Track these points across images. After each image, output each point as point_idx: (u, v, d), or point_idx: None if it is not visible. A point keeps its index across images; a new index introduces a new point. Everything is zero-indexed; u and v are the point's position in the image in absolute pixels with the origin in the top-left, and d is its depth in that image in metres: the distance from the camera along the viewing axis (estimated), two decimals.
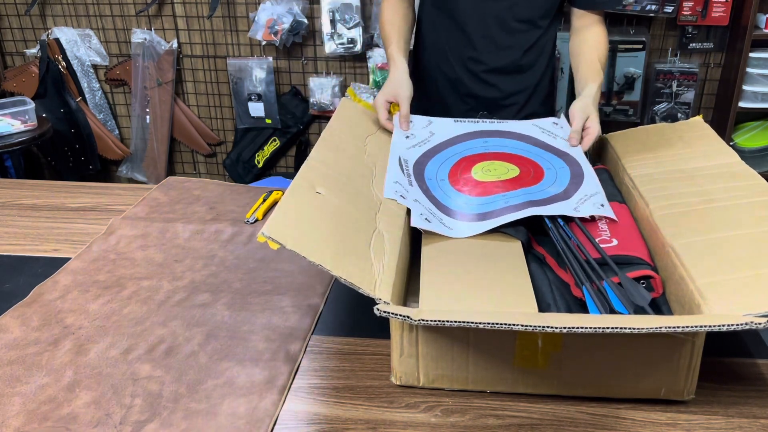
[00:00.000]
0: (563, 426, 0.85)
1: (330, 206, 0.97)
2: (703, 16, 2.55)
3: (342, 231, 0.93)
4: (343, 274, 0.83)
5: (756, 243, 0.91)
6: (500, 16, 1.42)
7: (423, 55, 1.55)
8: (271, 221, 0.84)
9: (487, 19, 1.43)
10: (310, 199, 0.96)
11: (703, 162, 1.15)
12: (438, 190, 1.15)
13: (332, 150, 1.14)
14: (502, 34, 1.44)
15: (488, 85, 1.49)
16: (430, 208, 1.10)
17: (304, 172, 1.01)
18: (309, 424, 0.86)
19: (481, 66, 1.47)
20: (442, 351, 0.88)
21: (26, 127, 2.77)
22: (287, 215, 0.88)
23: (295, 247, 0.82)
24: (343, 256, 0.87)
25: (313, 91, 2.92)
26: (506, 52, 1.46)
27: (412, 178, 1.16)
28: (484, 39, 1.44)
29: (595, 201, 1.08)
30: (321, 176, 1.03)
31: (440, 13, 1.48)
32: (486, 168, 1.20)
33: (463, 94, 1.51)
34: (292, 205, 0.91)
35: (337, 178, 1.06)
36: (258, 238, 0.82)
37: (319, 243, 0.86)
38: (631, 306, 0.87)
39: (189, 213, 1.45)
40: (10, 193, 1.57)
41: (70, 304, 1.11)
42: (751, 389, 0.91)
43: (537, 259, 1.06)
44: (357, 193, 1.05)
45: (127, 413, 0.87)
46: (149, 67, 3.01)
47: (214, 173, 3.28)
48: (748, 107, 2.58)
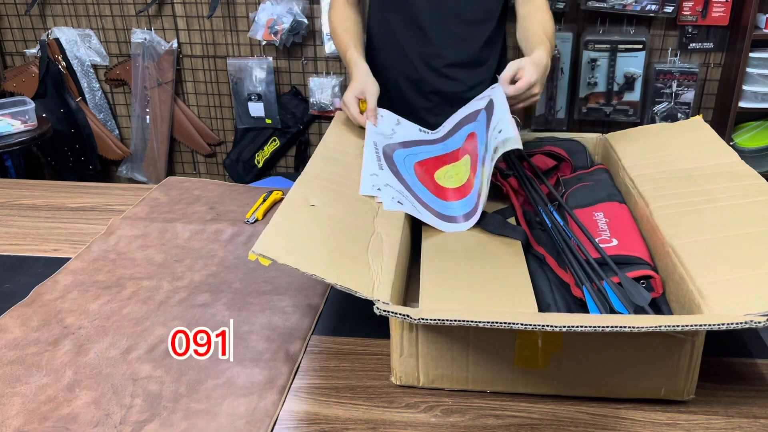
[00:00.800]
0: (563, 426, 0.85)
1: (324, 216, 0.97)
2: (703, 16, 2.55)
3: (337, 239, 0.93)
4: (338, 280, 0.83)
5: (756, 243, 0.91)
6: (456, 9, 1.43)
7: (378, 57, 1.54)
8: (262, 239, 0.84)
9: (443, 13, 1.44)
10: (304, 212, 0.97)
11: (703, 162, 1.15)
12: (407, 175, 1.18)
13: (327, 162, 1.15)
14: (459, 26, 1.45)
15: (450, 79, 1.50)
16: (402, 191, 1.12)
17: (297, 187, 1.02)
18: (309, 424, 0.86)
19: (441, 61, 1.48)
20: (442, 351, 0.88)
21: (26, 127, 2.77)
22: (278, 231, 0.89)
23: (287, 261, 0.82)
24: (338, 263, 0.87)
25: (313, 91, 2.92)
26: (466, 45, 1.47)
27: (382, 161, 1.18)
28: (442, 33, 1.45)
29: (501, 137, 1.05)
30: (315, 188, 1.04)
31: (393, 13, 1.48)
32: (449, 174, 1.22)
33: (426, 91, 1.52)
34: (283, 221, 0.92)
35: (333, 188, 1.07)
36: (249, 256, 0.82)
37: (311, 253, 0.87)
38: (631, 306, 0.88)
39: (189, 213, 1.45)
40: (10, 193, 1.57)
41: (70, 304, 1.11)
42: (751, 389, 0.91)
43: (537, 259, 1.06)
44: (354, 200, 1.05)
45: (127, 413, 0.87)
46: (149, 67, 3.01)
47: (214, 173, 3.28)
48: (748, 107, 2.57)
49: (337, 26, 1.48)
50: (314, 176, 1.08)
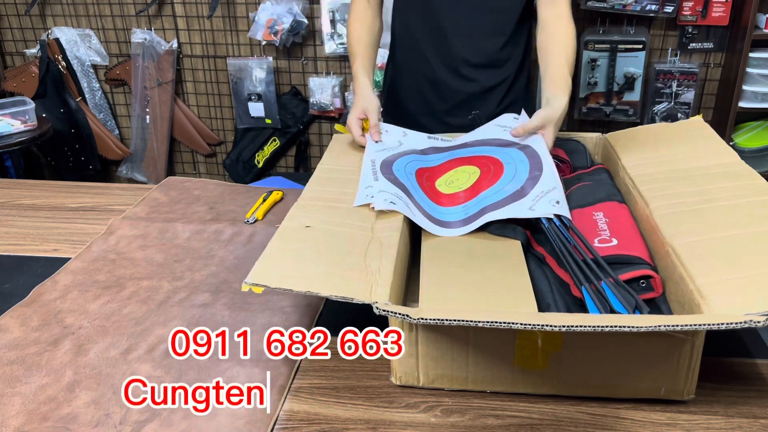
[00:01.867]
0: (563, 426, 0.85)
1: (319, 233, 0.98)
2: (703, 16, 2.55)
3: (333, 252, 0.94)
4: (333, 292, 0.83)
5: (756, 243, 0.91)
6: (473, 6, 1.41)
7: (398, 57, 1.54)
8: (254, 271, 0.86)
9: (461, 11, 1.42)
10: (298, 236, 0.98)
11: (703, 162, 1.15)
12: (406, 180, 1.17)
13: (323, 184, 1.16)
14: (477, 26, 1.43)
15: (467, 80, 1.48)
16: (397, 193, 1.11)
17: (293, 213, 1.04)
18: (309, 424, 0.86)
19: (458, 61, 1.46)
20: (442, 351, 0.88)
21: (26, 127, 2.77)
22: (272, 258, 0.90)
23: (281, 284, 0.83)
24: (333, 274, 0.88)
25: (313, 91, 2.92)
26: (483, 45, 1.45)
27: (378, 174, 1.17)
28: (459, 33, 1.44)
29: (552, 198, 1.05)
30: (311, 211, 1.05)
31: (413, 12, 1.46)
32: (449, 180, 1.21)
33: (444, 92, 1.50)
34: (277, 248, 0.93)
35: (329, 205, 1.08)
36: (242, 287, 0.83)
37: (305, 273, 0.88)
38: (630, 306, 0.88)
39: (189, 213, 1.45)
40: (10, 193, 1.57)
41: (70, 304, 1.11)
42: (751, 389, 0.91)
43: (537, 259, 1.06)
44: (349, 211, 1.06)
45: (127, 413, 0.87)
46: (149, 67, 3.01)
47: (214, 173, 3.28)
48: (748, 107, 2.57)
49: (352, 34, 1.47)
50: (310, 200, 1.09)
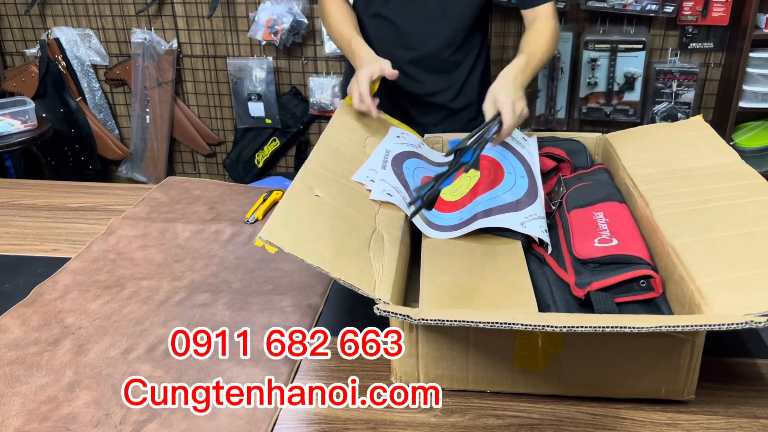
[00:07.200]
0: (563, 426, 0.85)
1: (328, 208, 0.97)
2: (703, 15, 2.55)
3: (341, 232, 0.93)
4: (342, 275, 0.83)
5: (756, 243, 0.91)
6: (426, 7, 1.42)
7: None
8: (269, 225, 0.84)
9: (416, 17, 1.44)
10: (309, 201, 0.96)
11: (703, 162, 1.15)
12: (410, 179, 1.17)
13: (331, 153, 1.14)
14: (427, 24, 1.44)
15: (411, 79, 1.49)
16: (396, 186, 1.11)
17: (303, 175, 1.01)
18: (309, 424, 0.86)
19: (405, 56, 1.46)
20: (442, 351, 0.88)
21: (26, 127, 2.77)
22: (285, 218, 0.88)
23: (293, 250, 0.82)
24: (341, 257, 0.87)
25: (313, 91, 2.92)
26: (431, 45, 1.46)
27: (387, 163, 1.17)
28: (411, 28, 1.45)
29: (541, 224, 1.08)
30: (319, 179, 1.03)
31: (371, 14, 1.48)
32: (454, 188, 1.21)
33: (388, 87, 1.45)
34: (289, 208, 0.91)
35: (336, 180, 1.06)
36: (256, 242, 0.82)
37: (317, 245, 0.86)
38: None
39: (189, 213, 1.45)
40: (10, 193, 1.57)
41: (70, 304, 1.11)
42: (751, 389, 0.91)
43: (537, 259, 1.06)
44: (356, 195, 1.05)
45: (127, 413, 0.87)
46: (149, 67, 3.01)
47: (214, 173, 3.28)
48: (748, 107, 2.57)
49: (334, 20, 1.46)
50: (319, 165, 1.07)
